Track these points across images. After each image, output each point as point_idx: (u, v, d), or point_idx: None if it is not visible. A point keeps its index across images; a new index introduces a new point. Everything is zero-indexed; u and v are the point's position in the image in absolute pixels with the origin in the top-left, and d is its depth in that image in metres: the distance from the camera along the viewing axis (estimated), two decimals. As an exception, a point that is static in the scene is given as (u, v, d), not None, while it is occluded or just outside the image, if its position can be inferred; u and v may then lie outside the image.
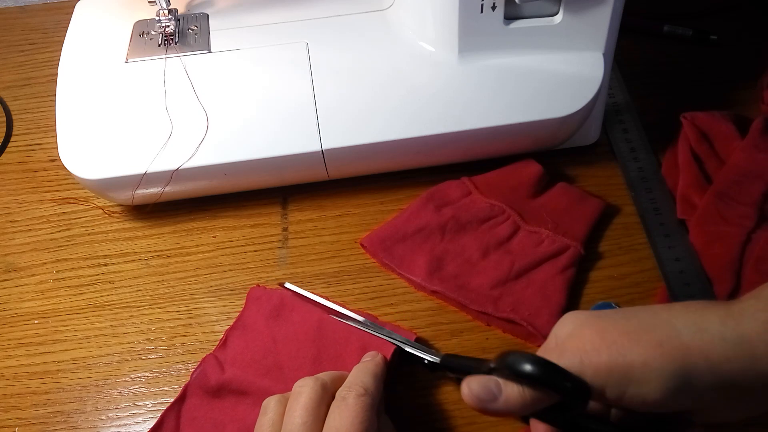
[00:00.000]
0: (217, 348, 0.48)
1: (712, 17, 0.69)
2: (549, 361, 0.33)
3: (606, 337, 0.33)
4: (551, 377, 0.32)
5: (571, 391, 0.32)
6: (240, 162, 0.51)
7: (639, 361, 0.32)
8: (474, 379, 0.34)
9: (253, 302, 0.49)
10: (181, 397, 0.46)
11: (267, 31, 0.55)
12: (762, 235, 0.49)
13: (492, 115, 0.52)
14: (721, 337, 0.32)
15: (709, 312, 0.33)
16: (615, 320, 0.34)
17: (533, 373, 0.32)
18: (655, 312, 0.34)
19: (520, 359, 0.33)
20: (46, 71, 0.68)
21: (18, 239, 0.56)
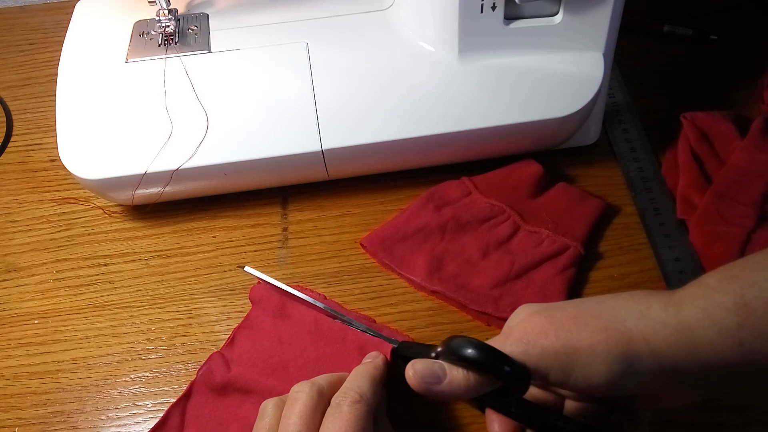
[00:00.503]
0: (225, 346, 0.48)
1: (712, 17, 0.69)
2: (489, 345, 0.34)
3: (553, 322, 0.34)
4: (491, 361, 0.33)
5: (510, 375, 0.33)
6: (240, 162, 0.51)
7: (584, 345, 0.33)
8: (419, 362, 0.35)
9: (257, 302, 0.50)
10: (187, 394, 0.46)
11: (267, 31, 0.55)
12: (762, 235, 0.49)
13: (492, 115, 0.52)
14: (663, 324, 0.33)
15: (653, 299, 0.34)
16: (563, 307, 0.35)
17: (473, 357, 0.33)
18: (601, 300, 0.35)
19: (462, 344, 0.34)
20: (46, 71, 0.68)
21: (18, 239, 0.56)
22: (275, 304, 0.49)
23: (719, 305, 0.32)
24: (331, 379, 0.41)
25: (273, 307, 0.49)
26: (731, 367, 0.32)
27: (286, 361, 0.46)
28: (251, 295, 0.50)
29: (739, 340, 0.31)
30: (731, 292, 0.32)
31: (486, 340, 0.35)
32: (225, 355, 0.47)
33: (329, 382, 0.41)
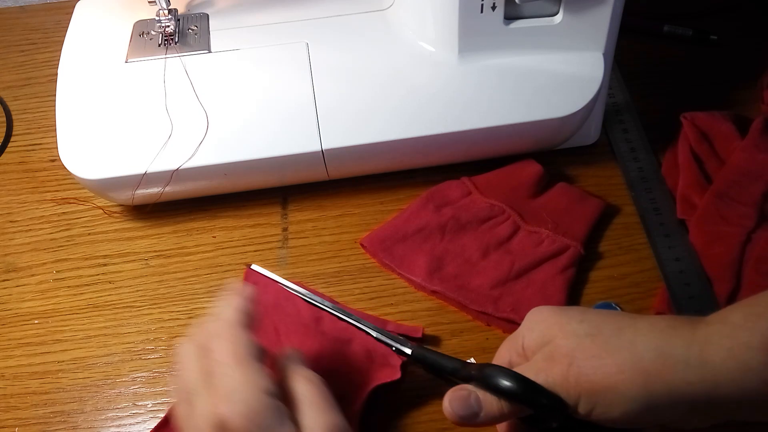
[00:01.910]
0: None
1: (712, 17, 0.69)
2: (527, 378, 0.35)
3: (574, 362, 0.34)
4: (530, 395, 0.35)
5: (548, 408, 0.34)
6: (240, 162, 0.51)
7: (603, 385, 0.34)
8: (456, 398, 0.36)
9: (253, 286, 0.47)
10: None
11: (267, 31, 0.55)
12: (762, 235, 0.49)
13: (492, 115, 0.52)
14: (684, 363, 0.33)
15: (675, 335, 0.34)
16: (580, 340, 0.35)
17: (513, 391, 0.35)
18: (620, 330, 0.35)
19: (498, 375, 0.35)
20: (46, 71, 0.68)
21: (18, 239, 0.56)
22: (271, 295, 0.49)
23: (745, 345, 0.32)
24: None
25: (270, 297, 0.49)
26: (753, 402, 0.32)
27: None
28: (247, 278, 0.50)
29: (764, 379, 0.32)
30: (758, 332, 0.32)
31: (506, 355, 0.37)
32: None
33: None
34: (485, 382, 0.36)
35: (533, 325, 0.38)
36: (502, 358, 0.40)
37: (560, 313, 0.37)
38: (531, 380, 0.35)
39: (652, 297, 0.50)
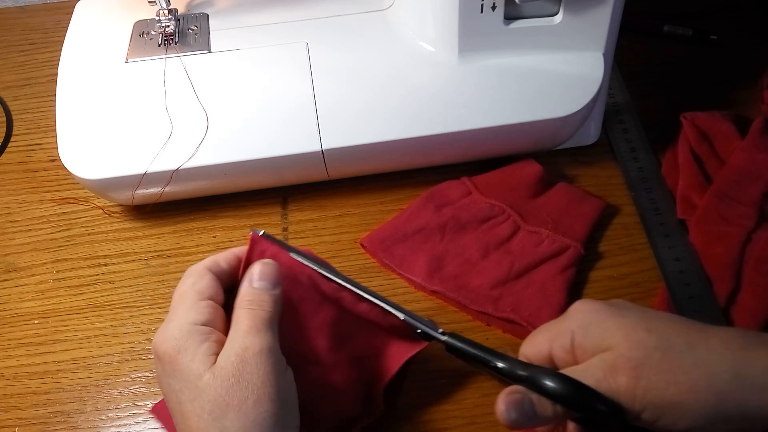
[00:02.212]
0: None
1: (712, 17, 0.69)
2: (586, 386, 0.34)
3: (642, 375, 0.34)
4: (589, 402, 0.34)
5: (607, 415, 0.34)
6: (240, 162, 0.51)
7: (673, 401, 0.33)
8: (511, 402, 0.35)
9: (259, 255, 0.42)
10: None
11: (267, 31, 0.55)
12: (762, 235, 0.49)
13: (492, 115, 0.52)
14: (761, 387, 0.33)
15: (751, 357, 0.33)
16: (650, 353, 0.34)
17: (571, 397, 0.34)
18: (691, 345, 0.34)
19: (552, 380, 0.34)
20: (46, 71, 0.68)
21: (18, 239, 0.56)
22: (282, 267, 0.41)
23: None
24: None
25: (283, 270, 0.41)
26: None
27: (301, 325, 0.42)
28: (255, 243, 0.42)
29: None
30: None
31: (552, 358, 0.36)
32: None
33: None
34: (539, 386, 0.35)
35: (587, 324, 0.36)
36: (541, 350, 0.38)
37: (620, 317, 0.36)
38: (590, 388, 0.34)
39: (652, 297, 0.50)
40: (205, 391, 0.34)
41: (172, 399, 0.36)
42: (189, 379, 0.35)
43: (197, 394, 0.34)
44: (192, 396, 0.35)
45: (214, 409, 0.34)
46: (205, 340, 0.36)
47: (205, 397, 0.34)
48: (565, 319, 0.38)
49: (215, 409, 0.34)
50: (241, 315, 0.37)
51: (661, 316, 0.36)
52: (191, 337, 0.36)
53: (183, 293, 0.38)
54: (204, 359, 0.35)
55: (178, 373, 0.35)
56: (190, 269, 0.39)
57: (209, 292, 0.38)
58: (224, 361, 0.35)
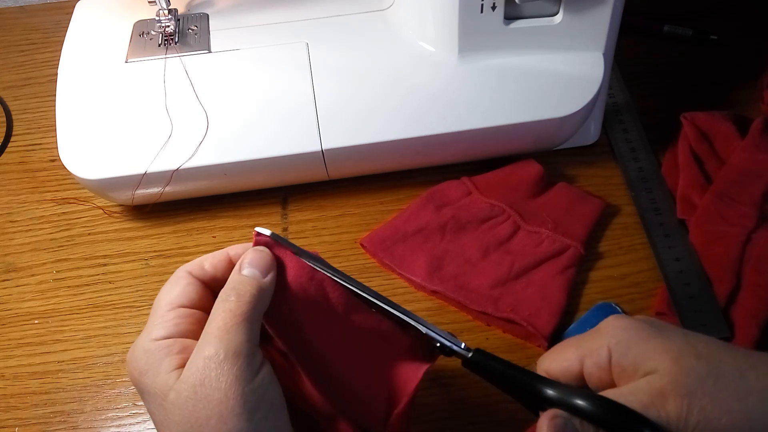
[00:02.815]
0: None
1: (712, 17, 0.69)
2: (632, 410, 0.32)
3: (695, 403, 0.32)
4: (633, 428, 0.32)
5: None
6: (240, 162, 0.51)
7: (727, 429, 0.32)
8: (557, 428, 0.32)
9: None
10: None
11: (267, 31, 0.55)
12: (762, 235, 0.49)
13: (492, 115, 0.52)
14: None
15: None
16: (702, 381, 0.33)
17: (615, 423, 0.32)
18: (742, 373, 0.33)
19: (598, 405, 0.32)
20: (46, 71, 0.68)
21: (18, 239, 0.56)
22: (291, 272, 0.36)
23: None
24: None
25: (288, 275, 0.36)
26: None
27: (313, 342, 0.37)
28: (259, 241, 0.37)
29: None
30: None
31: (562, 369, 0.34)
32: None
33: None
34: (578, 409, 0.32)
35: (627, 342, 0.34)
36: (570, 366, 0.36)
37: (664, 338, 0.34)
38: (638, 413, 0.32)
39: (652, 297, 0.50)
40: (172, 412, 0.31)
41: (153, 420, 0.33)
42: (156, 401, 0.32)
43: (165, 415, 0.32)
44: (162, 417, 0.32)
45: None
46: (167, 355, 0.33)
47: (172, 418, 0.31)
48: (598, 335, 0.36)
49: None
50: (214, 313, 0.33)
51: (705, 340, 0.35)
52: (152, 355, 0.33)
53: (154, 304, 0.35)
54: (167, 377, 0.32)
55: (146, 395, 0.33)
56: (173, 274, 0.36)
57: (181, 299, 0.35)
58: (186, 375, 0.31)
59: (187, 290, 0.35)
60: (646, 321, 0.35)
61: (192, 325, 0.34)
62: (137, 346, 0.34)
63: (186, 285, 0.35)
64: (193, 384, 0.31)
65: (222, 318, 0.32)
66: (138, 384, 0.33)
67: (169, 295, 0.35)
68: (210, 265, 0.37)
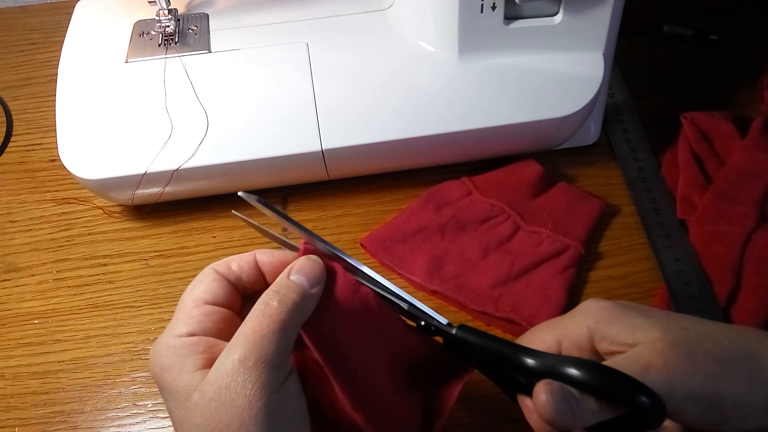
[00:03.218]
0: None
1: (712, 17, 0.69)
2: (623, 373, 0.30)
3: (698, 362, 0.31)
4: (626, 391, 0.30)
5: (648, 408, 0.30)
6: (240, 162, 0.51)
7: (731, 395, 0.31)
8: (555, 393, 0.31)
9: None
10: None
11: (267, 31, 0.55)
12: (762, 235, 0.49)
13: (492, 115, 0.52)
14: None
15: None
16: (699, 341, 0.32)
17: (609, 388, 0.30)
18: (732, 340, 0.33)
19: (592, 371, 0.31)
20: (46, 71, 0.68)
21: (18, 239, 0.56)
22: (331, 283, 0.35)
23: None
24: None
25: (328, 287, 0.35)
26: None
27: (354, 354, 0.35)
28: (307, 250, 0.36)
29: None
30: None
31: (603, 360, 0.32)
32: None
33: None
34: (571, 378, 0.31)
35: (611, 320, 0.34)
36: (547, 346, 0.35)
37: (649, 316, 0.34)
38: (633, 378, 0.30)
39: (652, 297, 0.50)
40: (193, 413, 0.30)
41: (171, 419, 0.33)
42: (177, 399, 0.31)
43: (185, 416, 0.31)
44: (182, 417, 0.31)
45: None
46: (191, 354, 0.32)
47: (192, 420, 0.31)
48: (577, 316, 0.35)
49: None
50: (253, 313, 0.32)
51: (687, 317, 0.35)
52: (175, 353, 0.32)
53: (180, 301, 0.35)
54: (191, 377, 0.31)
55: (166, 393, 0.32)
56: (200, 272, 0.36)
57: (207, 296, 0.34)
58: (213, 376, 0.31)
59: (212, 286, 0.35)
60: (625, 303, 0.35)
61: (217, 323, 0.34)
62: (160, 342, 0.33)
63: (212, 281, 0.35)
64: (218, 386, 0.30)
65: (259, 321, 0.31)
66: (159, 380, 0.32)
67: (195, 291, 0.35)
68: (237, 266, 0.36)
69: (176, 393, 0.31)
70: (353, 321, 0.35)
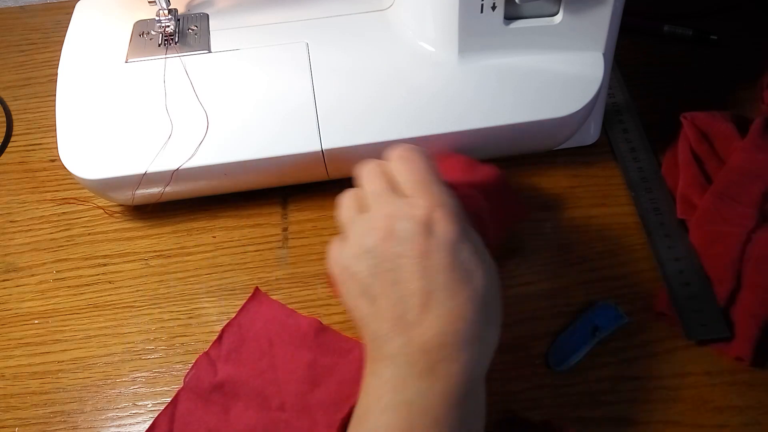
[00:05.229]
0: (212, 345, 0.48)
1: (712, 17, 0.69)
2: None
3: None
4: None
5: None
6: (240, 162, 0.51)
7: None
8: None
9: (253, 303, 0.50)
10: (174, 402, 0.46)
11: (267, 31, 0.55)
12: (762, 235, 0.49)
13: (492, 115, 0.52)
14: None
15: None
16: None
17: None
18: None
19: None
20: (46, 71, 0.68)
21: (18, 239, 0.56)
22: (273, 311, 0.49)
23: None
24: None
25: (268, 313, 0.49)
26: None
27: (276, 364, 0.46)
28: (254, 296, 0.50)
29: None
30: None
31: None
32: (211, 355, 0.47)
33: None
34: None
35: None
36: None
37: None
38: None
39: (652, 297, 0.50)
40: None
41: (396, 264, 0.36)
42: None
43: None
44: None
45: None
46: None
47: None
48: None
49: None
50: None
51: None
52: (463, 214, 0.37)
53: (425, 170, 0.39)
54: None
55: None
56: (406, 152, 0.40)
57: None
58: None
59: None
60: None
61: None
62: (454, 201, 0.38)
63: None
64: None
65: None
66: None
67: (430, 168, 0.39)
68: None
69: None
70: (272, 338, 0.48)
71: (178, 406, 0.46)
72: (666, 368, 0.47)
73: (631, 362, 0.47)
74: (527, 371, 0.47)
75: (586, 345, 0.47)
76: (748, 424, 0.44)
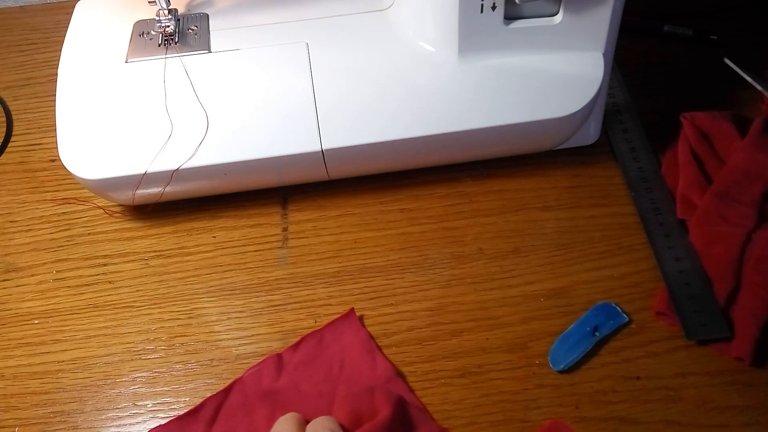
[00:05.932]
0: (287, 349, 0.47)
1: (712, 17, 0.69)
2: None
3: None
4: None
5: None
6: (240, 162, 0.51)
7: None
8: None
9: (344, 322, 0.48)
10: (227, 390, 0.45)
11: (267, 31, 0.55)
12: (762, 235, 0.49)
13: (492, 115, 0.52)
14: None
15: None
16: None
17: None
18: None
19: None
20: (46, 71, 0.68)
21: (18, 239, 0.56)
22: (358, 339, 0.47)
23: None
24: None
25: (353, 338, 0.47)
26: None
27: (334, 393, 0.45)
28: (348, 315, 0.49)
29: None
30: None
31: None
32: (283, 358, 0.47)
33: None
34: None
35: None
36: None
37: None
38: None
39: (652, 297, 0.50)
40: None
41: None
42: None
43: None
44: None
45: None
46: None
47: None
48: None
49: None
50: None
51: None
52: None
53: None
54: None
55: None
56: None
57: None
58: None
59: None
60: None
61: None
62: None
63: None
64: None
65: None
66: None
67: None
68: None
69: None
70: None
71: (229, 396, 0.45)
72: (666, 368, 0.47)
73: (631, 362, 0.47)
74: (527, 371, 0.47)
75: (586, 345, 0.47)
76: (748, 424, 0.44)
